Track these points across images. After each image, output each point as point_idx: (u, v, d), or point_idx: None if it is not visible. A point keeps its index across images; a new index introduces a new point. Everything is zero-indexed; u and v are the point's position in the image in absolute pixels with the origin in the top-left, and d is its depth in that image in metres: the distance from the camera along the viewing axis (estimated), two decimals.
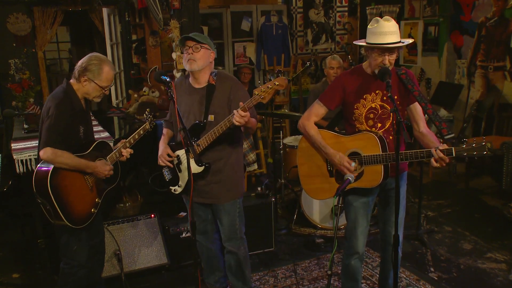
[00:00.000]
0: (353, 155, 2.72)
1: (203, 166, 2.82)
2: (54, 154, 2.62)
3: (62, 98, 2.68)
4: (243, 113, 2.61)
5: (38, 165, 2.68)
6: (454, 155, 2.41)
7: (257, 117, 2.94)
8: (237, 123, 2.64)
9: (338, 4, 7.81)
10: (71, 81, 2.76)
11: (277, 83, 2.61)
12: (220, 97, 2.85)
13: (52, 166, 2.62)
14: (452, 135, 2.51)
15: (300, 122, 2.87)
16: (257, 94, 2.62)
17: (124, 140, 2.90)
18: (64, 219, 2.64)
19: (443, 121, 2.57)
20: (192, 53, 2.79)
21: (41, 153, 2.62)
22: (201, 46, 2.79)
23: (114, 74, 2.79)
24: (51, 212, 2.63)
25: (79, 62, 2.74)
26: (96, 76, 2.70)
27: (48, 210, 2.63)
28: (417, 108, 2.76)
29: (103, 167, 2.80)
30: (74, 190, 2.70)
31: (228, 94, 2.84)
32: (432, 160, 2.47)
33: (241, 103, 2.63)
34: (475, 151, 2.36)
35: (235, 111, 2.63)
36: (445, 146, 2.43)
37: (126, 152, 2.89)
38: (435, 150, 2.44)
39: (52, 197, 2.59)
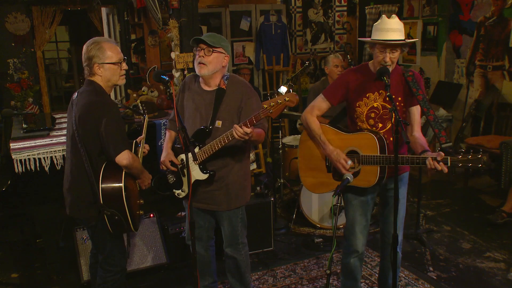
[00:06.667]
0: (352, 153, 2.73)
1: (208, 174, 2.75)
2: (132, 158, 2.54)
3: (103, 97, 2.55)
4: (248, 130, 2.47)
5: (102, 177, 2.51)
6: (449, 164, 2.42)
7: (265, 126, 2.79)
8: (238, 138, 2.51)
9: (337, 3, 7.81)
10: (92, 79, 2.60)
11: (287, 99, 2.46)
12: (230, 103, 2.73)
13: (122, 176, 2.52)
14: (450, 144, 2.52)
15: (303, 115, 2.88)
16: (266, 107, 2.46)
17: (141, 136, 2.85)
18: (132, 227, 2.59)
19: (443, 129, 2.57)
20: (203, 56, 2.67)
21: (121, 159, 2.49)
22: (213, 50, 2.66)
23: (116, 45, 2.66)
24: (118, 222, 2.54)
25: (83, 59, 2.61)
26: (103, 57, 2.55)
27: (115, 221, 2.53)
28: (416, 111, 2.76)
29: (149, 177, 2.78)
30: (133, 196, 2.64)
31: (239, 102, 2.72)
32: (428, 166, 2.46)
33: (237, 126, 2.47)
34: (470, 163, 2.38)
35: (235, 126, 2.48)
36: (441, 155, 2.42)
37: (146, 149, 2.85)
38: (432, 159, 2.43)
39: (126, 207, 2.52)
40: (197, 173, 2.74)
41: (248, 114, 2.57)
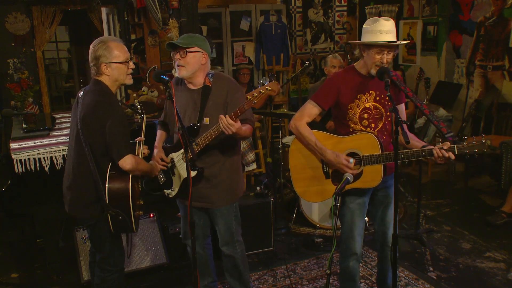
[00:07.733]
0: (351, 155, 2.70)
1: (196, 171, 2.76)
2: (136, 162, 2.53)
3: (109, 98, 2.55)
4: (231, 122, 2.52)
5: (109, 177, 2.52)
6: (456, 153, 2.46)
7: (253, 122, 2.84)
8: (223, 129, 2.55)
9: (337, 3, 7.81)
10: (99, 79, 2.60)
11: (269, 88, 2.52)
12: (216, 99, 2.77)
13: (129, 177, 2.53)
14: (452, 133, 2.55)
15: (292, 123, 2.80)
16: (250, 99, 2.52)
17: (140, 138, 2.85)
18: (134, 227, 2.58)
19: (441, 120, 2.60)
20: (179, 59, 2.72)
21: (124, 163, 2.49)
22: (187, 50, 2.71)
23: (123, 44, 2.65)
24: (122, 222, 2.54)
25: (89, 59, 2.60)
26: (110, 56, 2.55)
27: (118, 221, 2.53)
28: (402, 109, 2.79)
29: (157, 169, 2.79)
30: (135, 196, 2.64)
31: (225, 97, 2.77)
32: (435, 155, 2.49)
33: (222, 116, 2.52)
34: (476, 149, 2.45)
35: (221, 116, 2.53)
36: (448, 144, 2.47)
37: (146, 150, 2.85)
38: (440, 149, 2.48)
39: (131, 208, 2.52)
40: (186, 171, 2.75)
41: (234, 109, 2.60)
